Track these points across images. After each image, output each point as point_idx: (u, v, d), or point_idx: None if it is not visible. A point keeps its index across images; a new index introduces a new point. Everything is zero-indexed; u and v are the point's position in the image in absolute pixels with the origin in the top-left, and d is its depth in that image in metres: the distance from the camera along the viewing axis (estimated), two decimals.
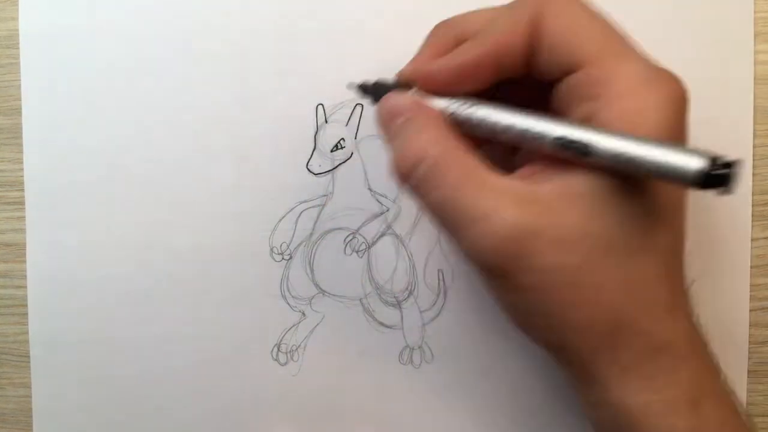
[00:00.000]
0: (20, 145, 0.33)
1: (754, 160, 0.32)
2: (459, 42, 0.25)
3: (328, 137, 0.33)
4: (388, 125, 0.25)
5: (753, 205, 0.32)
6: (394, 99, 0.25)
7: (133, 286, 0.33)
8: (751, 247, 0.33)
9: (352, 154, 0.33)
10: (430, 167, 0.23)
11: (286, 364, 0.34)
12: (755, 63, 0.32)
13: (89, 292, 0.33)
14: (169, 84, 0.33)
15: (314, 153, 0.33)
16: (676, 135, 0.22)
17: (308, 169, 0.33)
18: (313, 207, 0.33)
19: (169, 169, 0.33)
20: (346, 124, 0.33)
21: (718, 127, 0.32)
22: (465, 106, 0.24)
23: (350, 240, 0.33)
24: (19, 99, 0.33)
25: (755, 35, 0.32)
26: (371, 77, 0.28)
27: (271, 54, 0.33)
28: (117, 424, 0.34)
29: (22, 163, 0.33)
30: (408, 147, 0.23)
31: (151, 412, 0.34)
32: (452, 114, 0.25)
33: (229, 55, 0.33)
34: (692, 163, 0.19)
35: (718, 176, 0.19)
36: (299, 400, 0.34)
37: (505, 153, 0.26)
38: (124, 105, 0.33)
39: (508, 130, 0.23)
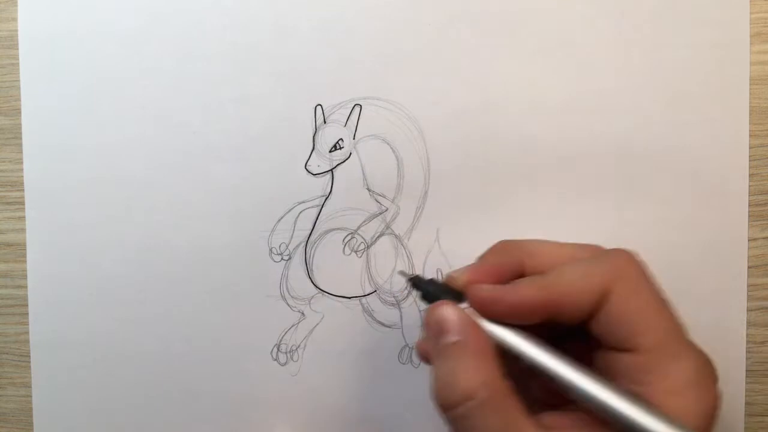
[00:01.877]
0: (20, 145, 0.33)
1: (750, 160, 0.32)
2: (519, 268, 0.25)
3: (327, 138, 0.33)
4: (437, 338, 0.24)
5: (750, 206, 0.32)
6: (446, 311, 0.24)
7: (132, 286, 0.33)
8: (749, 248, 0.33)
9: (350, 154, 0.33)
10: (475, 409, 0.22)
11: (285, 364, 0.34)
12: (751, 63, 0.32)
13: (89, 291, 0.34)
14: (168, 84, 0.33)
15: (313, 153, 0.33)
16: None
17: (307, 170, 0.33)
18: (312, 207, 0.33)
19: (168, 169, 0.33)
20: (345, 125, 0.33)
21: (714, 128, 0.32)
22: (516, 338, 0.24)
23: (349, 240, 0.33)
24: (19, 99, 0.33)
25: (751, 36, 0.32)
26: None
27: (270, 55, 0.33)
28: (117, 424, 0.34)
29: (22, 163, 0.34)
30: (456, 380, 0.23)
31: (150, 411, 0.34)
32: (501, 342, 0.24)
33: (227, 56, 0.33)
34: None
35: None
36: (299, 399, 0.34)
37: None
38: (123, 105, 0.33)
39: (555, 377, 0.23)
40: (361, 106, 0.33)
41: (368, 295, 0.33)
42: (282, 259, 0.33)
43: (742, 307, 0.33)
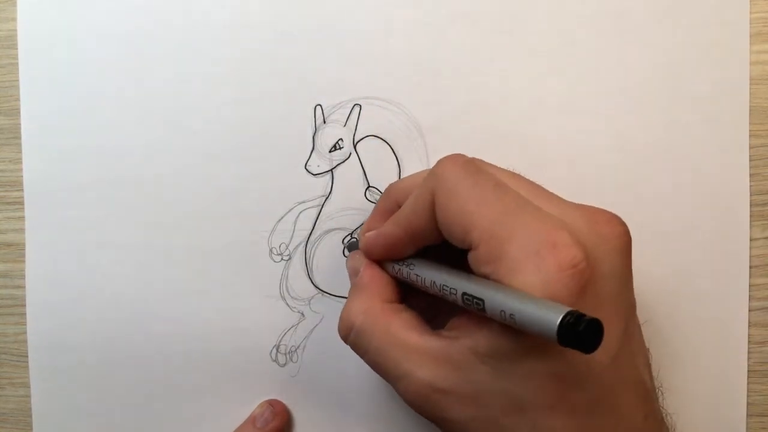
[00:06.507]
0: (20, 145, 0.33)
1: (750, 160, 0.32)
2: (398, 206, 0.27)
3: (327, 138, 0.33)
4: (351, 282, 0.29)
5: (751, 206, 0.32)
6: (351, 260, 0.29)
7: (132, 286, 0.33)
8: (750, 248, 0.33)
9: (350, 154, 0.33)
10: (357, 335, 0.26)
11: (285, 365, 0.34)
12: (751, 63, 0.32)
13: (88, 292, 0.34)
14: (167, 84, 0.33)
15: (312, 154, 0.33)
16: (569, 303, 0.21)
17: (307, 170, 0.33)
18: (312, 207, 0.33)
19: (168, 169, 0.33)
20: (344, 125, 0.33)
21: (714, 128, 0.32)
22: (404, 266, 0.27)
23: (349, 240, 0.33)
24: (19, 99, 0.33)
25: (751, 36, 0.32)
26: (368, 76, 0.28)
27: (270, 55, 0.33)
28: (116, 424, 0.34)
29: (21, 163, 0.34)
30: (345, 314, 0.27)
31: (150, 411, 0.34)
32: (396, 272, 0.27)
33: (227, 56, 0.33)
34: (551, 317, 0.18)
35: (578, 334, 0.18)
36: (298, 401, 0.34)
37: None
38: (123, 105, 0.33)
39: (432, 285, 0.25)
40: (361, 106, 0.33)
41: None
42: (282, 259, 0.33)
43: (744, 308, 0.33)
